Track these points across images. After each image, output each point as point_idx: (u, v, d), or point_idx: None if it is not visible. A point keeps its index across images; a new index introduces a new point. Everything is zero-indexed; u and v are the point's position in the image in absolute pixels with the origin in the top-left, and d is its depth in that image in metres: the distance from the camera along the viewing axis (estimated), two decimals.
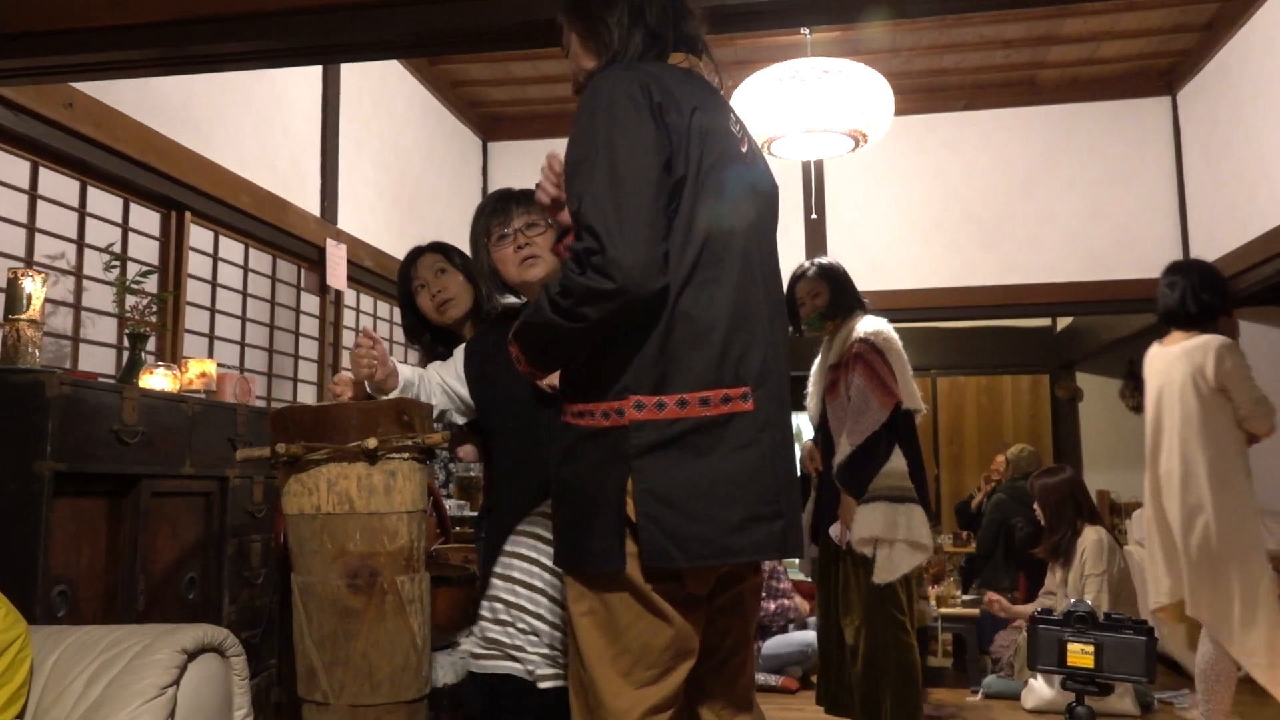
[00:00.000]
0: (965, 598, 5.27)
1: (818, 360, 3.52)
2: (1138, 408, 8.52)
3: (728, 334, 1.51)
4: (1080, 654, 1.93)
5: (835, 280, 3.41)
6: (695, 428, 1.47)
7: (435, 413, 2.23)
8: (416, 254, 2.52)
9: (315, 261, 4.51)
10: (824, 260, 3.51)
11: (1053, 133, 6.08)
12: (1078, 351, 8.66)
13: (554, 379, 1.75)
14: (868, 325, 3.28)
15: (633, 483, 1.47)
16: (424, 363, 2.51)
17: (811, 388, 3.50)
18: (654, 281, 1.44)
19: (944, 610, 4.99)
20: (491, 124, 6.58)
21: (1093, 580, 4.14)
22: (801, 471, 3.51)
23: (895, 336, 3.27)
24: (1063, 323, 8.65)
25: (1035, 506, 4.50)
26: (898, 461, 3.14)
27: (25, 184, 3.00)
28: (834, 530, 3.23)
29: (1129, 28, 5.36)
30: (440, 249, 2.49)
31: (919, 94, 6.03)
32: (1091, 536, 4.21)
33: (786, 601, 5.02)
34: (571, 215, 1.51)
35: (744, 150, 1.66)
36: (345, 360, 4.69)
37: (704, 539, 1.46)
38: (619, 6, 1.65)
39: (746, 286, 1.55)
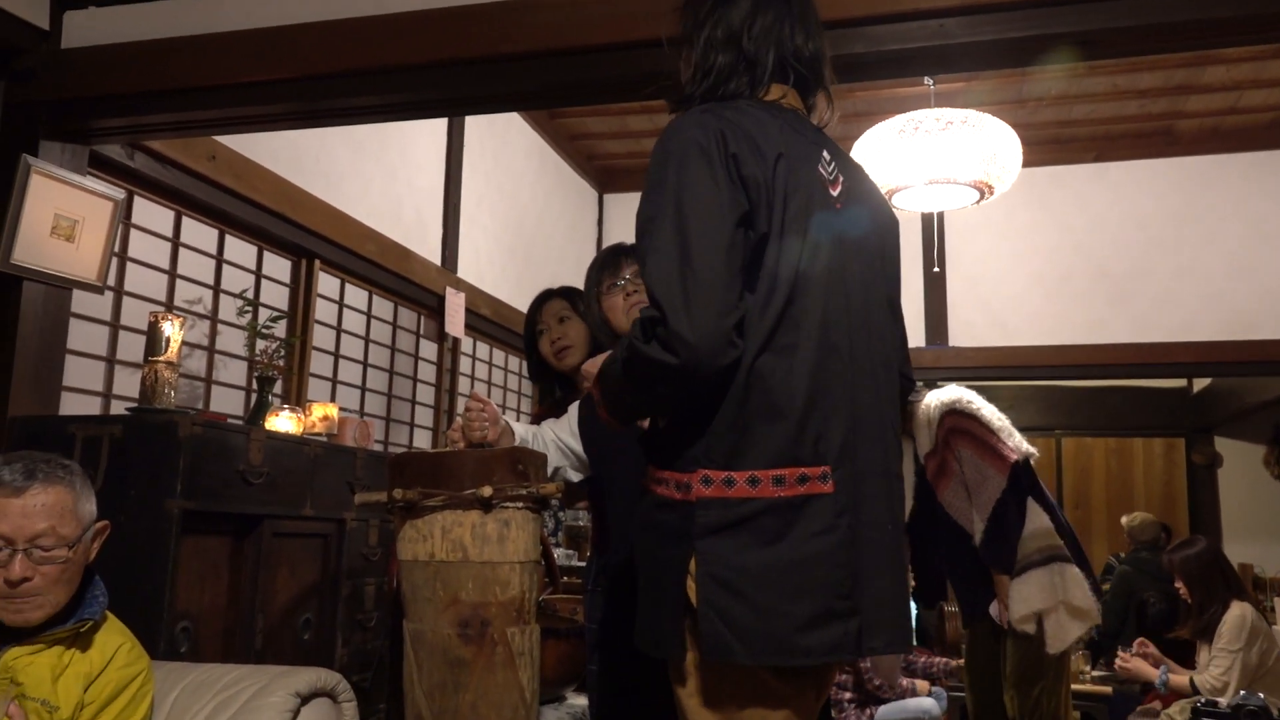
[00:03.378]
0: (1095, 674, 4.96)
1: None
2: None
3: (807, 406, 1.37)
4: None
5: None
6: (766, 509, 1.34)
7: (550, 470, 2.21)
8: (545, 297, 2.54)
9: (435, 309, 4.61)
10: None
11: (1190, 185, 5.81)
12: (1217, 415, 8.16)
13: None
14: (943, 397, 3.12)
15: (696, 565, 1.35)
16: (539, 407, 2.52)
17: None
18: (721, 357, 1.33)
19: (1074, 686, 4.69)
20: (608, 176, 6.66)
21: (1221, 657, 3.81)
22: None
23: (975, 395, 3.10)
24: (1200, 384, 8.18)
25: (1178, 583, 4.19)
26: (1038, 520, 2.97)
27: (169, 232, 3.15)
28: (993, 609, 3.07)
29: (1276, 75, 5.10)
30: (567, 295, 2.50)
31: (1046, 145, 5.86)
32: (1235, 612, 3.89)
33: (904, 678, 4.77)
34: (641, 275, 1.43)
35: (835, 194, 1.50)
36: (461, 406, 4.76)
37: (769, 635, 1.32)
38: (713, 22, 1.53)
39: (828, 354, 1.41)
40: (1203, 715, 1.89)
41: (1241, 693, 2.04)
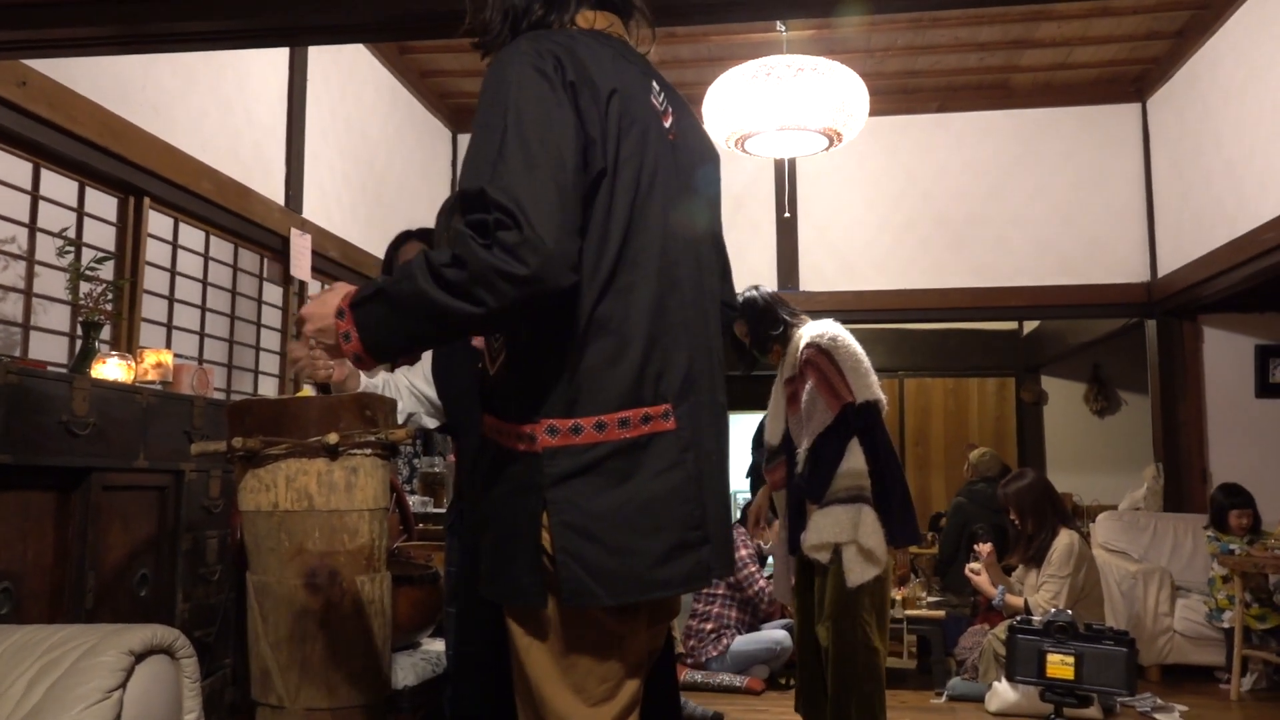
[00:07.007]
0: (930, 599, 5.26)
1: (775, 383, 3.43)
2: (1101, 412, 8.64)
3: (647, 346, 1.36)
4: (1060, 665, 1.90)
5: (752, 315, 3.34)
6: (614, 452, 1.34)
7: (403, 417, 2.17)
8: (404, 238, 2.48)
9: (279, 251, 4.41)
10: (744, 296, 3.35)
11: (1025, 137, 6.11)
12: (1043, 355, 8.71)
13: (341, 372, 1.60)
14: (812, 330, 3.22)
15: (548, 516, 1.34)
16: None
17: (770, 409, 3.42)
18: (567, 277, 1.26)
19: (910, 612, 4.97)
20: (461, 116, 6.49)
21: (1051, 582, 4.12)
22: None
23: (843, 334, 3.19)
24: (1029, 326, 8.71)
25: (1011, 515, 4.48)
26: (854, 461, 3.08)
27: None
28: (803, 538, 3.17)
29: (1102, 34, 5.38)
30: (425, 237, 2.45)
31: (893, 95, 6.03)
32: (1064, 540, 4.20)
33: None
34: (464, 198, 1.30)
35: (666, 126, 1.47)
36: None
37: (628, 573, 1.34)
38: None
39: (666, 291, 1.40)
40: (1018, 632, 2.03)
41: (1052, 610, 2.21)
